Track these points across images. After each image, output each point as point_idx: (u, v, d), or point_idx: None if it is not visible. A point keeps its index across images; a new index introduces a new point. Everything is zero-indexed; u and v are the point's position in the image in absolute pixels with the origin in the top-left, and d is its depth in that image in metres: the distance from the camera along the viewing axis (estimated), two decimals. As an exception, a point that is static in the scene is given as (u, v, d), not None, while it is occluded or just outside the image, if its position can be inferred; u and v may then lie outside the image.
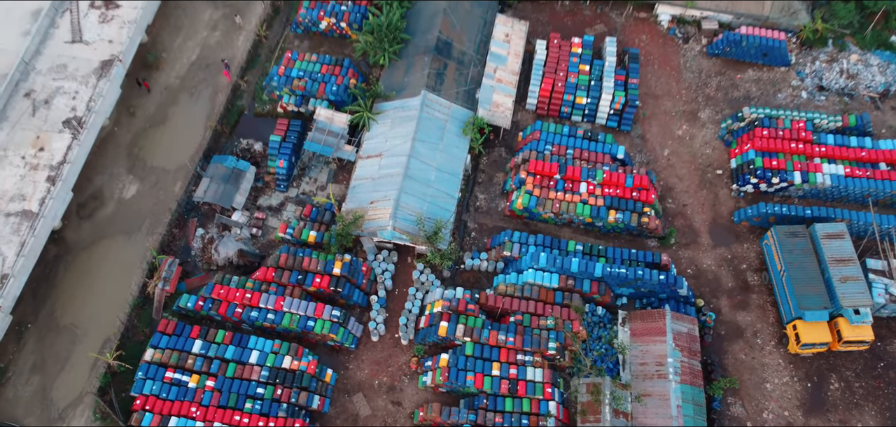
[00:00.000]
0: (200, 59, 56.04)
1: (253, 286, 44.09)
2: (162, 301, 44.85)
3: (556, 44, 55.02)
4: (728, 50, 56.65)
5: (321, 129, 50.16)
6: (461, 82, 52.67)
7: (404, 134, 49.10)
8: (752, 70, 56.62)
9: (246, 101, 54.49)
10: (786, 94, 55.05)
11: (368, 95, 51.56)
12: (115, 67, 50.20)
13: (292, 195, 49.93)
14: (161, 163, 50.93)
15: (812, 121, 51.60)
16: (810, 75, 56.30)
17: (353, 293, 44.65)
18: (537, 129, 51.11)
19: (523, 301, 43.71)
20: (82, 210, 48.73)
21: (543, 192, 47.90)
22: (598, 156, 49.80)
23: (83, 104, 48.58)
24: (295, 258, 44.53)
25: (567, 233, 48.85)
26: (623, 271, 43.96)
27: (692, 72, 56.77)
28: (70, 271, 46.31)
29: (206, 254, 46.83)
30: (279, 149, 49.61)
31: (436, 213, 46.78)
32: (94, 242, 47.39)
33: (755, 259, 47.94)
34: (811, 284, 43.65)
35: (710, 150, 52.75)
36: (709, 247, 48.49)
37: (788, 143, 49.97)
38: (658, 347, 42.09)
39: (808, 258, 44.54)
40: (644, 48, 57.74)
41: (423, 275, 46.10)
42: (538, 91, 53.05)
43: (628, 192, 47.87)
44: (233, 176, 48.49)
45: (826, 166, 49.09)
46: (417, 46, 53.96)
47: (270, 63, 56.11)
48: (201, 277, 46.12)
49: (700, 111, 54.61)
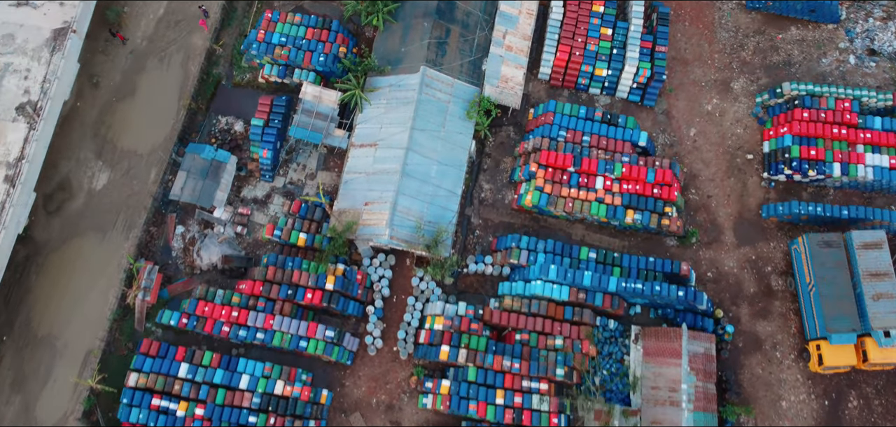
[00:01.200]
0: (169, 14, 49.22)
1: (240, 301, 40.98)
2: (144, 312, 41.94)
3: (574, 0, 47.99)
4: (770, 4, 49.65)
5: (308, 111, 44.73)
6: (465, 52, 46.43)
7: (401, 120, 43.81)
8: (796, 28, 49.97)
9: (223, 69, 48.46)
10: (831, 60, 48.85)
11: (361, 69, 45.53)
12: (70, 39, 43.83)
13: (279, 185, 45.48)
14: (132, 144, 46.00)
15: (859, 99, 45.94)
16: (861, 36, 49.76)
17: (347, 305, 41.62)
18: (550, 110, 45.60)
19: (530, 318, 40.81)
20: (49, 203, 44.55)
21: (555, 188, 43.45)
22: (618, 144, 44.73)
23: (37, 86, 42.94)
24: (284, 271, 41.04)
25: (579, 229, 44.96)
26: (639, 286, 40.68)
27: (727, 30, 50.10)
28: (43, 275, 43.01)
29: (188, 256, 43.29)
30: (262, 135, 44.45)
31: (437, 214, 42.69)
32: (65, 242, 43.69)
33: (781, 260, 44.42)
34: (841, 304, 40.52)
35: (742, 130, 47.52)
36: (732, 246, 44.78)
37: (830, 127, 44.78)
38: (672, 370, 39.77)
39: (841, 272, 41.07)
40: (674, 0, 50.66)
41: (422, 282, 42.79)
42: (553, 60, 46.87)
43: (649, 189, 43.42)
44: (212, 169, 43.78)
45: (869, 156, 44.30)
46: (416, 3, 47.08)
47: (248, 20, 49.36)
48: (185, 282, 42.90)
49: (733, 81, 48.69)
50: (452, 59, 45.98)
